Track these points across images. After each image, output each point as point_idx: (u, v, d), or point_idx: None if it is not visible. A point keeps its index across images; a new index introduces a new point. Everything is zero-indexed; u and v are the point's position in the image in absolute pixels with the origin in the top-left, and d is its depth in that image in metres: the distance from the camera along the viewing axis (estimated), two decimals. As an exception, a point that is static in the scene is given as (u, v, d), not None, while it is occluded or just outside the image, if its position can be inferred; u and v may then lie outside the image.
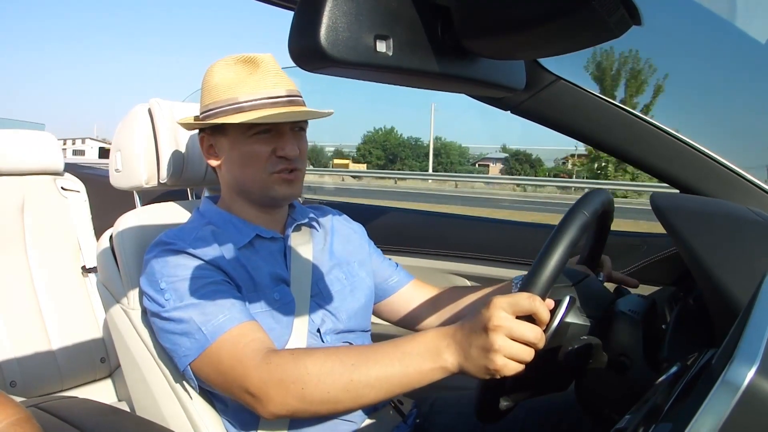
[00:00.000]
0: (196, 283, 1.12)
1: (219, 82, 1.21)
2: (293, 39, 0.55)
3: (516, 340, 0.84)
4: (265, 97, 1.18)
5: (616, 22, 0.57)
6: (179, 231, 1.22)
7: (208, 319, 1.08)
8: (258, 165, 1.21)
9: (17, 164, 2.16)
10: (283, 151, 1.20)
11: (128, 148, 1.42)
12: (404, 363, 0.92)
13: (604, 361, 0.97)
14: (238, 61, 1.22)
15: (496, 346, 0.84)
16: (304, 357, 0.99)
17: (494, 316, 0.85)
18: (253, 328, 1.09)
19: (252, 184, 1.23)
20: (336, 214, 1.48)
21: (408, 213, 2.25)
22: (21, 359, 2.00)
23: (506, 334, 0.84)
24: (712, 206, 1.25)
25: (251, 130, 1.19)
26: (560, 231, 0.92)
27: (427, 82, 0.70)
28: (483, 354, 0.85)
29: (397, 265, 1.52)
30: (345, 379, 0.95)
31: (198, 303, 1.09)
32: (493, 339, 0.84)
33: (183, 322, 1.10)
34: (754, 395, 0.44)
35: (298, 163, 1.23)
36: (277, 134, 1.20)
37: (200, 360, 1.09)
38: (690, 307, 1.06)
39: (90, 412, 1.28)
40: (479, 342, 0.86)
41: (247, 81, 1.19)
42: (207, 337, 1.07)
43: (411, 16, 0.60)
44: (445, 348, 0.90)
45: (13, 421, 0.78)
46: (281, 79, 1.21)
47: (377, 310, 1.49)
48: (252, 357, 1.02)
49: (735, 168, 1.36)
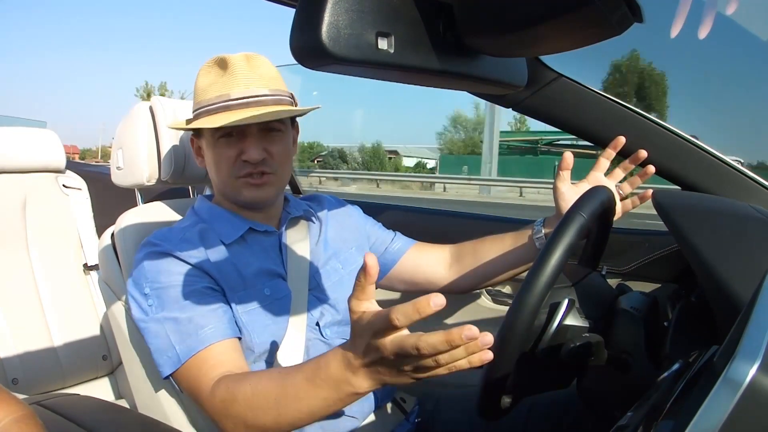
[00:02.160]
0: (178, 292, 1.11)
1: (199, 85, 1.21)
2: (295, 36, 0.55)
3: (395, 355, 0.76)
4: (229, 99, 1.16)
5: (618, 20, 0.57)
6: (168, 231, 1.22)
7: (182, 338, 1.08)
8: (225, 169, 1.20)
9: (19, 162, 2.16)
10: (246, 154, 1.17)
11: (130, 146, 1.42)
12: (320, 395, 0.87)
13: (606, 358, 0.97)
14: (214, 63, 1.21)
15: (400, 368, 0.77)
16: (236, 392, 0.96)
17: (371, 351, 0.78)
18: (222, 350, 1.08)
19: (224, 186, 1.23)
20: (332, 201, 1.47)
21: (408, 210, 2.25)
22: (23, 356, 2.00)
23: (390, 356, 0.76)
24: (714, 204, 1.25)
25: (217, 134, 1.18)
26: (557, 236, 0.92)
27: (429, 80, 0.70)
28: (394, 373, 0.79)
29: (396, 233, 1.51)
30: (274, 413, 0.92)
31: (176, 318, 1.09)
32: (390, 364, 0.78)
33: (159, 337, 1.10)
34: (756, 392, 0.44)
35: (266, 166, 1.20)
36: (242, 137, 1.18)
37: (175, 375, 1.10)
38: (692, 305, 1.06)
39: (92, 409, 1.28)
40: (383, 369, 0.79)
41: (217, 83, 1.18)
42: (179, 357, 1.08)
43: (412, 13, 0.60)
44: (353, 377, 0.83)
45: (15, 418, 0.78)
46: (249, 80, 1.18)
47: (388, 282, 1.48)
48: (204, 388, 1.02)
49: (737, 165, 1.35)
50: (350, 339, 0.82)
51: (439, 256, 1.45)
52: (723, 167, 1.36)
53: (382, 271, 1.45)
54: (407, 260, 1.46)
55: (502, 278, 1.38)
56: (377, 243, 1.46)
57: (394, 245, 1.46)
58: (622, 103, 1.38)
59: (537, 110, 1.44)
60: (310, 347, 1.21)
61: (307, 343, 1.21)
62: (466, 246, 1.43)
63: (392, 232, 1.50)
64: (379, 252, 1.45)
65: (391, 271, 1.46)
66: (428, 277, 1.45)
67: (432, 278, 1.44)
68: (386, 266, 1.46)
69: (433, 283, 1.44)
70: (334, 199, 1.49)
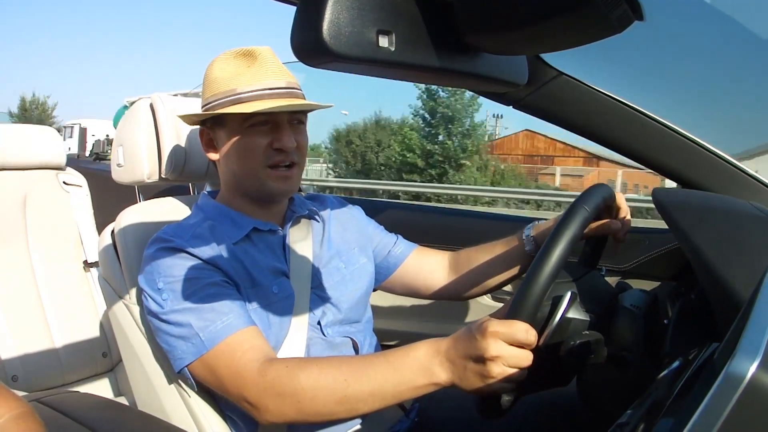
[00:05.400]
0: (194, 285, 1.11)
1: (218, 76, 1.21)
2: (296, 34, 0.55)
3: (510, 366, 0.88)
4: (264, 88, 1.17)
5: (618, 18, 0.57)
6: (177, 227, 1.22)
7: (206, 324, 1.08)
8: (255, 157, 1.20)
9: (19, 159, 2.16)
10: (280, 142, 1.18)
11: (130, 143, 1.42)
12: (397, 379, 0.94)
13: (606, 356, 0.97)
14: (237, 54, 1.22)
15: (494, 374, 0.88)
16: (298, 371, 0.99)
17: (491, 347, 0.87)
18: (250, 335, 1.09)
19: (248, 177, 1.23)
20: (334, 201, 1.48)
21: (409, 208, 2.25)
22: (23, 354, 2.00)
23: (503, 363, 0.87)
24: (713, 201, 1.25)
25: (248, 122, 1.18)
26: (561, 227, 0.93)
27: (429, 78, 0.70)
28: (480, 378, 0.89)
29: (398, 236, 1.51)
30: (339, 395, 0.96)
31: (196, 307, 1.09)
32: (491, 368, 0.88)
33: (180, 326, 1.09)
34: (756, 389, 0.44)
35: (295, 156, 1.22)
36: (275, 126, 1.20)
37: (196, 364, 1.09)
38: (692, 302, 1.06)
39: (92, 406, 1.28)
40: (476, 368, 0.89)
41: (245, 73, 1.19)
42: (204, 344, 1.07)
43: (413, 11, 0.60)
44: (438, 365, 0.93)
45: (15, 415, 0.78)
46: (280, 71, 1.21)
47: (389, 285, 1.49)
48: (249, 368, 1.03)
49: (737, 163, 1.36)
50: (461, 332, 0.93)
51: (439, 262, 1.47)
52: (723, 165, 1.36)
53: (384, 274, 1.47)
54: (409, 264, 1.47)
55: (497, 283, 1.40)
56: (380, 246, 1.46)
57: (396, 249, 1.47)
58: (623, 101, 1.37)
59: (537, 108, 1.44)
60: (311, 346, 1.21)
61: (308, 342, 1.21)
62: (462, 254, 1.45)
63: (394, 235, 1.51)
64: (382, 255, 1.46)
65: (392, 275, 1.47)
66: (427, 282, 1.46)
67: (431, 283, 1.46)
68: (389, 269, 1.47)
69: (432, 288, 1.46)
70: (337, 199, 1.49)
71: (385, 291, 1.51)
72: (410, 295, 1.51)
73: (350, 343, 1.28)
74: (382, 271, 1.46)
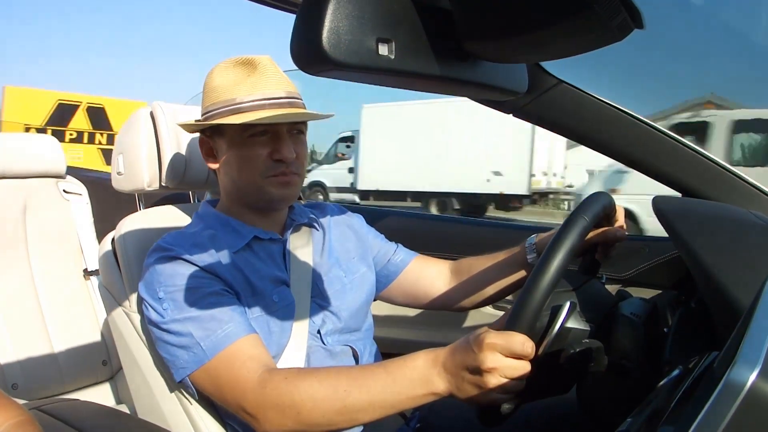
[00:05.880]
0: (194, 294, 1.11)
1: (218, 84, 1.20)
2: (295, 42, 0.56)
3: (507, 377, 0.89)
4: (263, 98, 1.17)
5: (619, 26, 0.57)
6: (178, 236, 1.21)
7: (207, 334, 1.07)
8: (254, 168, 1.19)
9: (19, 167, 2.16)
10: (280, 153, 1.18)
11: (130, 151, 1.42)
12: (396, 389, 0.95)
13: (606, 364, 0.97)
14: (237, 63, 1.21)
15: (491, 385, 0.88)
16: (297, 382, 0.99)
17: (488, 359, 0.88)
18: (250, 344, 1.08)
19: (248, 187, 1.22)
20: (334, 209, 1.48)
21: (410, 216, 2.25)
22: (23, 362, 2.00)
23: (500, 374, 0.88)
24: (714, 210, 1.25)
25: (248, 132, 1.18)
26: (561, 237, 0.93)
27: (429, 86, 0.70)
28: (477, 389, 0.90)
29: (398, 244, 1.51)
30: (338, 405, 0.96)
31: (197, 316, 1.09)
32: (488, 379, 0.88)
33: (181, 335, 1.09)
34: (756, 398, 0.44)
35: (295, 167, 1.22)
36: (275, 136, 1.19)
37: (197, 374, 1.09)
38: (692, 311, 1.06)
39: (92, 414, 1.28)
40: (473, 379, 0.89)
41: (245, 82, 1.18)
42: (206, 353, 1.07)
43: (413, 19, 0.60)
44: (436, 375, 0.93)
45: (15, 423, 0.78)
46: (280, 81, 1.20)
47: (388, 294, 1.48)
48: (248, 378, 1.03)
49: (737, 171, 1.36)
50: (459, 343, 0.93)
51: (440, 271, 1.46)
52: (723, 173, 1.36)
53: (384, 283, 1.46)
54: (409, 273, 1.46)
55: (497, 292, 1.39)
56: (380, 254, 1.46)
57: (396, 257, 1.47)
58: (622, 109, 1.38)
59: (537, 116, 1.44)
60: (311, 354, 1.21)
61: (308, 351, 1.21)
62: (463, 262, 1.45)
63: (394, 244, 1.51)
64: (382, 263, 1.45)
65: (392, 284, 1.47)
66: (427, 291, 1.45)
67: (431, 292, 1.45)
68: (388, 278, 1.46)
69: (432, 297, 1.45)
70: (337, 208, 1.49)
71: (385, 301, 1.50)
72: (410, 304, 1.50)
73: (350, 352, 1.27)
74: (381, 280, 1.45)
